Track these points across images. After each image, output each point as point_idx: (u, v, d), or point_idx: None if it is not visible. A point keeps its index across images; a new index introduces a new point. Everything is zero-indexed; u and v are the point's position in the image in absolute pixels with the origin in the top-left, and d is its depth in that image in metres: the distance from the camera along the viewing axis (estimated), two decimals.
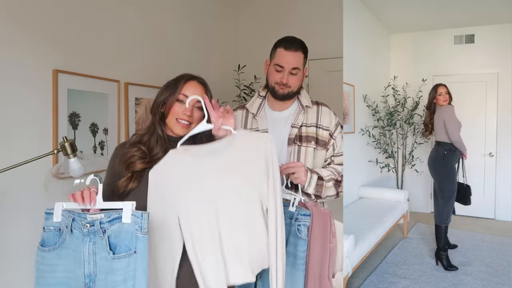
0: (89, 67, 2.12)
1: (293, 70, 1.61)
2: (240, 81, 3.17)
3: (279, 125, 1.68)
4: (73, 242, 1.15)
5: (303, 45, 1.66)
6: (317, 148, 1.66)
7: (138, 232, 1.08)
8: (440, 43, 4.95)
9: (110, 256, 1.10)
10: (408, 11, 4.47)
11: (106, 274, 1.11)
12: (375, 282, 3.20)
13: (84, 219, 1.13)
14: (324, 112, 1.70)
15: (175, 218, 1.21)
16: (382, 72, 5.04)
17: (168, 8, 2.77)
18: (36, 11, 1.85)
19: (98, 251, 1.12)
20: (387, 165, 4.80)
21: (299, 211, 1.49)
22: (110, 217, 1.11)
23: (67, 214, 1.15)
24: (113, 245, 1.11)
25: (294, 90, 1.65)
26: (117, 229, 1.11)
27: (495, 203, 4.81)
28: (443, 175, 3.69)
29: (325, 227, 1.48)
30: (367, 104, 4.47)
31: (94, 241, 1.13)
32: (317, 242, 1.46)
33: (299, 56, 1.62)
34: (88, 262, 1.13)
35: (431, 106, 3.87)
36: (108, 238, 1.11)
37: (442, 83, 3.88)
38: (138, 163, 1.32)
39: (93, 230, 1.12)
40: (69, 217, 1.15)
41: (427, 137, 4.00)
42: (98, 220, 1.12)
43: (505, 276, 3.29)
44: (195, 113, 1.36)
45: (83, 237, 1.13)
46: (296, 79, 1.64)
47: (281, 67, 1.61)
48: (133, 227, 1.09)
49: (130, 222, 1.09)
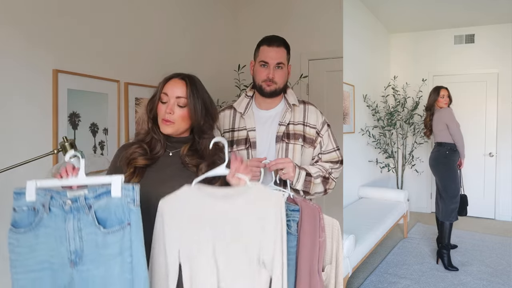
0: (89, 67, 2.12)
1: (278, 65, 1.66)
2: (240, 81, 3.17)
3: (267, 123, 1.71)
4: (52, 220, 1.12)
5: (285, 42, 1.71)
6: (304, 145, 1.69)
7: (131, 205, 1.09)
8: (440, 43, 4.96)
9: (100, 231, 1.09)
10: (408, 11, 4.47)
11: (97, 248, 1.10)
12: (375, 282, 3.20)
13: (64, 196, 1.11)
14: (311, 110, 1.74)
15: (176, 251, 1.20)
16: (382, 72, 5.04)
17: (168, 8, 2.77)
18: (36, 11, 1.85)
19: (83, 227, 1.10)
20: (387, 165, 4.80)
21: (288, 207, 1.51)
22: (97, 191, 1.11)
23: (43, 192, 1.12)
24: (102, 220, 1.10)
25: (280, 86, 1.69)
26: (105, 204, 1.11)
27: (495, 203, 4.81)
28: (446, 175, 3.72)
29: (315, 222, 1.50)
30: (367, 104, 4.47)
31: (79, 218, 1.11)
32: (307, 237, 1.48)
33: (282, 52, 1.67)
34: (74, 238, 1.11)
35: (432, 107, 3.90)
36: (95, 213, 1.10)
37: (444, 86, 3.90)
38: (139, 159, 1.32)
39: (76, 206, 1.11)
40: (45, 195, 1.12)
41: (429, 137, 4.02)
42: (82, 196, 1.11)
43: (505, 276, 3.29)
44: (176, 111, 1.35)
45: (65, 215, 1.11)
46: (281, 74, 1.67)
47: (266, 63, 1.66)
48: (124, 200, 1.10)
49: (120, 196, 1.09)
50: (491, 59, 4.72)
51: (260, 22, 3.53)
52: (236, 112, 1.76)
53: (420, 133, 4.73)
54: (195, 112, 1.35)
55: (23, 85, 1.79)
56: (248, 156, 1.68)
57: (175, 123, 1.35)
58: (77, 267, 1.11)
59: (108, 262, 1.10)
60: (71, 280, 1.12)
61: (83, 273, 1.11)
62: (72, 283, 1.11)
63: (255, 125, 1.71)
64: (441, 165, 3.75)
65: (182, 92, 1.35)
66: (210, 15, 3.27)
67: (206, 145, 1.39)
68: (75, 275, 1.11)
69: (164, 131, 1.36)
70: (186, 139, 1.42)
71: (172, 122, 1.35)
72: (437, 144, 3.81)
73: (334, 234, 1.60)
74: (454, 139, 3.71)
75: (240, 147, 1.70)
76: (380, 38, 5.02)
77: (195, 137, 1.41)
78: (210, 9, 3.28)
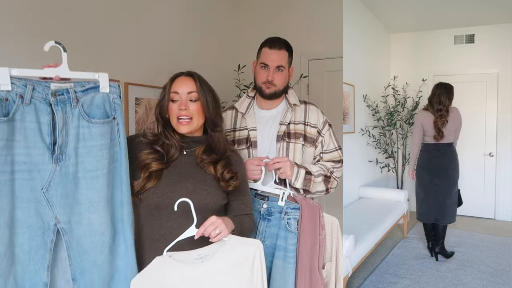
0: (89, 67, 2.11)
1: (278, 68, 1.66)
2: (240, 81, 3.17)
3: (268, 123, 1.72)
4: (32, 113, 1.05)
5: (287, 45, 1.71)
6: (305, 145, 1.70)
7: (117, 100, 1.15)
8: (440, 43, 4.96)
9: (87, 123, 1.10)
10: (408, 11, 4.47)
11: (83, 141, 1.10)
12: (375, 282, 3.20)
13: (47, 87, 1.07)
14: (312, 110, 1.75)
15: None
16: (382, 72, 5.04)
17: (168, 8, 2.77)
18: (36, 11, 1.85)
19: (69, 121, 1.09)
20: (387, 165, 4.80)
21: (289, 205, 1.53)
22: (84, 87, 1.12)
23: (21, 82, 1.04)
24: (88, 113, 1.11)
25: (280, 88, 1.69)
26: (91, 98, 1.12)
27: (495, 203, 4.81)
28: (457, 176, 3.62)
29: (315, 220, 1.51)
30: (367, 104, 4.47)
31: (65, 111, 1.08)
32: (307, 235, 1.50)
33: (283, 54, 1.67)
34: (61, 131, 1.07)
35: (448, 107, 3.55)
36: (82, 107, 1.10)
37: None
38: (154, 164, 1.30)
39: (62, 99, 1.08)
40: (25, 85, 1.04)
41: (438, 139, 3.58)
42: (72, 89, 1.09)
43: (505, 276, 3.29)
44: (190, 106, 1.34)
45: (48, 108, 1.06)
46: (281, 77, 1.67)
47: (266, 65, 1.66)
48: (110, 96, 1.14)
49: (108, 91, 1.14)
50: (491, 59, 4.72)
51: (260, 22, 3.52)
52: (237, 112, 1.77)
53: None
54: (208, 105, 1.35)
55: None
56: (249, 156, 1.69)
57: (193, 118, 1.34)
58: (60, 162, 1.07)
59: (91, 155, 1.10)
60: (51, 179, 1.06)
61: (66, 168, 1.07)
62: (53, 182, 1.06)
63: (256, 124, 1.71)
64: (456, 168, 3.61)
65: (192, 87, 1.34)
66: (210, 15, 3.27)
67: (218, 138, 1.40)
68: (56, 172, 1.06)
69: (181, 131, 1.35)
70: (201, 138, 1.41)
71: (189, 119, 1.33)
72: (446, 145, 3.59)
73: (333, 232, 1.61)
74: (456, 140, 3.65)
75: (241, 147, 1.70)
76: (380, 38, 5.02)
77: (207, 137, 1.41)
78: (211, 9, 3.28)
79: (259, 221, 1.58)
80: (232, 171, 1.38)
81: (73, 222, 1.09)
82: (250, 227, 1.45)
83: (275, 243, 1.54)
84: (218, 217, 1.24)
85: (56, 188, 1.07)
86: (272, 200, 1.56)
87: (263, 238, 1.56)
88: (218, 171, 1.35)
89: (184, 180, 1.32)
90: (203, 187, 1.33)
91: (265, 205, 1.57)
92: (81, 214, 1.10)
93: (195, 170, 1.35)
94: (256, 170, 1.57)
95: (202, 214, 1.30)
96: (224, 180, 1.35)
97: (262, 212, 1.57)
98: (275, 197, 1.55)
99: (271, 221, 1.56)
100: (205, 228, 1.20)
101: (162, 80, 1.45)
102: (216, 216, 1.24)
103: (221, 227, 1.21)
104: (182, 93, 1.33)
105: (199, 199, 1.30)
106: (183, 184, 1.31)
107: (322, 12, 3.36)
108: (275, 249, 1.54)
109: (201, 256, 1.21)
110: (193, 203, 1.26)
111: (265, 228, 1.56)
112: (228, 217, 1.32)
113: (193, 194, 1.29)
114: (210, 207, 1.32)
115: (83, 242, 1.11)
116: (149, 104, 2.49)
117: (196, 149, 1.39)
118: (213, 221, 1.21)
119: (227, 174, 1.36)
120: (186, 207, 1.26)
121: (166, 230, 1.27)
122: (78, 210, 1.10)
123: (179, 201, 1.21)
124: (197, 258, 1.20)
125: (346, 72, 3.35)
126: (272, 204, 1.56)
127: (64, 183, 1.07)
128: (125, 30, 2.37)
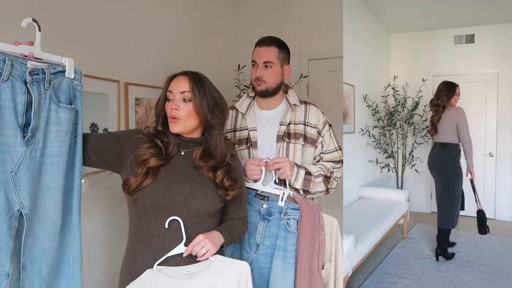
0: (89, 67, 2.11)
1: (266, 64, 1.66)
2: (240, 81, 3.17)
3: (268, 123, 1.73)
4: (9, 91, 0.98)
5: (278, 41, 1.72)
6: (305, 145, 1.70)
7: (79, 87, 1.15)
8: (440, 43, 4.95)
9: (56, 107, 1.08)
10: (408, 11, 4.47)
11: (52, 125, 1.08)
12: (375, 282, 3.20)
13: (24, 65, 1.01)
14: (312, 110, 1.75)
15: None
16: (382, 72, 5.04)
17: (168, 8, 2.77)
18: (35, 11, 1.85)
19: (42, 102, 1.06)
20: (387, 165, 4.80)
21: (288, 205, 1.53)
22: (56, 69, 1.10)
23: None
24: (57, 98, 1.11)
25: (272, 86, 1.69)
26: (59, 82, 1.12)
27: (495, 203, 4.81)
28: (454, 178, 3.55)
29: (314, 220, 1.52)
30: (367, 104, 4.47)
31: (39, 92, 1.05)
32: (306, 235, 1.50)
33: (272, 51, 1.68)
34: (35, 113, 1.03)
35: (445, 104, 3.65)
36: (52, 89, 1.09)
37: (456, 83, 3.73)
38: (152, 160, 1.29)
39: (37, 79, 1.04)
40: (2, 60, 0.97)
41: (433, 136, 3.78)
42: (48, 70, 1.06)
43: (505, 276, 3.29)
44: (182, 106, 1.32)
45: (24, 86, 1.01)
46: (270, 74, 1.67)
47: (255, 62, 1.69)
48: (73, 82, 1.14)
49: (73, 77, 1.13)
50: (491, 59, 4.72)
51: (260, 22, 3.52)
52: (238, 112, 1.77)
53: (420, 133, 4.72)
54: (201, 106, 1.33)
55: None
56: (250, 156, 1.69)
57: (182, 119, 1.32)
58: (30, 145, 1.03)
59: (57, 139, 1.09)
60: (21, 162, 1.02)
61: (36, 152, 1.05)
62: (23, 165, 1.02)
63: (256, 125, 1.72)
64: (448, 168, 3.56)
65: (185, 86, 1.33)
66: (210, 15, 3.27)
67: (216, 141, 1.37)
68: (27, 155, 1.02)
69: (173, 130, 1.34)
70: (198, 140, 1.39)
71: (178, 119, 1.32)
72: (440, 145, 3.62)
73: (333, 232, 1.61)
74: (463, 140, 3.56)
75: (242, 147, 1.71)
76: (380, 38, 5.02)
77: (206, 139, 1.39)
78: (210, 9, 3.28)
79: (258, 221, 1.58)
80: (232, 178, 1.36)
81: (35, 207, 1.06)
82: (242, 231, 1.45)
83: (275, 243, 1.54)
84: (206, 235, 1.26)
85: (25, 172, 1.02)
86: (272, 200, 1.56)
87: (262, 238, 1.56)
88: (218, 177, 1.34)
89: (181, 181, 1.31)
90: (201, 190, 1.31)
91: (265, 205, 1.57)
92: (37, 200, 1.07)
93: (192, 172, 1.34)
94: (256, 170, 1.57)
95: (199, 217, 1.30)
96: (223, 187, 1.34)
97: (262, 212, 1.57)
98: (275, 197, 1.55)
99: (270, 221, 1.56)
100: (192, 247, 1.23)
101: (162, 80, 1.44)
102: (203, 235, 1.25)
103: (208, 246, 1.24)
104: (175, 92, 1.33)
105: (196, 202, 1.29)
106: (179, 186, 1.29)
107: (322, 12, 3.36)
108: (274, 249, 1.55)
109: (190, 272, 1.23)
110: (189, 205, 1.27)
111: (264, 228, 1.57)
112: (218, 230, 1.32)
113: (190, 197, 1.29)
114: (207, 211, 1.31)
115: (35, 229, 1.07)
116: (149, 104, 2.49)
117: (193, 150, 1.37)
118: (200, 240, 1.23)
119: (227, 181, 1.34)
120: (180, 209, 1.27)
121: (161, 231, 1.26)
122: (35, 196, 1.06)
123: (169, 219, 1.23)
124: (185, 274, 1.23)
125: (346, 72, 3.35)
126: (272, 204, 1.56)
127: (31, 167, 1.04)
128: (125, 29, 2.37)
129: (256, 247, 1.57)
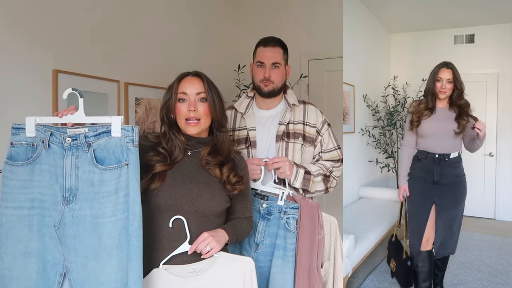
0: (89, 67, 2.12)
1: (274, 65, 1.68)
2: (240, 81, 3.17)
3: (267, 123, 1.73)
4: (50, 157, 1.13)
5: (281, 42, 1.74)
6: (304, 144, 1.70)
7: (130, 145, 1.11)
8: (440, 43, 4.95)
9: (97, 169, 1.10)
10: (408, 11, 4.47)
11: (92, 186, 1.10)
12: (375, 282, 3.20)
13: (64, 133, 1.12)
14: (311, 110, 1.76)
15: None
16: (382, 72, 5.04)
17: (168, 8, 2.77)
18: (36, 11, 1.85)
19: (81, 165, 1.11)
20: (387, 165, 4.80)
21: (288, 205, 1.54)
22: (97, 131, 1.12)
23: (43, 128, 1.14)
24: (100, 159, 1.12)
25: (278, 86, 1.70)
26: (104, 143, 1.12)
27: (495, 203, 4.80)
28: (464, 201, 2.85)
29: (314, 219, 1.52)
30: (367, 104, 4.47)
31: (77, 155, 1.12)
32: (306, 235, 1.51)
33: (278, 51, 1.69)
34: (70, 176, 1.11)
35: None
36: (93, 152, 1.11)
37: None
38: (158, 166, 1.30)
39: (75, 144, 1.12)
40: (45, 131, 1.13)
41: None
42: (83, 134, 1.11)
43: (505, 276, 3.29)
44: (199, 107, 1.33)
45: (64, 152, 1.12)
46: (278, 74, 1.69)
47: (262, 63, 1.68)
48: (123, 140, 1.11)
49: (120, 136, 1.11)
50: (491, 59, 4.72)
51: (260, 22, 3.53)
52: (237, 112, 1.78)
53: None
54: (215, 106, 1.34)
55: (23, 85, 1.80)
56: (249, 155, 1.69)
57: (201, 119, 1.33)
58: (70, 205, 1.11)
59: (101, 200, 1.09)
60: (61, 219, 1.11)
61: (75, 211, 1.10)
62: (63, 222, 1.10)
63: (255, 124, 1.72)
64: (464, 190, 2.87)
65: (201, 87, 1.33)
66: (210, 15, 3.27)
67: (223, 139, 1.40)
68: (66, 214, 1.11)
69: (190, 132, 1.34)
70: (206, 140, 1.40)
71: (197, 120, 1.32)
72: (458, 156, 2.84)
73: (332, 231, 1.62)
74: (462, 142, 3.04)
75: (241, 147, 1.71)
76: (380, 38, 5.02)
77: (213, 139, 1.40)
78: (210, 9, 3.28)
79: (258, 221, 1.58)
80: (238, 175, 1.37)
81: (79, 263, 1.11)
82: (247, 230, 1.46)
83: (274, 242, 1.55)
84: (210, 232, 1.26)
85: (68, 229, 1.11)
86: (271, 200, 1.57)
87: (262, 237, 1.57)
88: (224, 174, 1.34)
89: (188, 182, 1.31)
90: (208, 189, 1.32)
91: (264, 205, 1.57)
92: (86, 258, 1.10)
93: (199, 172, 1.35)
94: (256, 170, 1.57)
95: (205, 217, 1.31)
96: (230, 183, 1.34)
97: (261, 211, 1.57)
98: (275, 197, 1.56)
99: (270, 220, 1.56)
100: (197, 245, 1.23)
101: (162, 80, 1.45)
102: (207, 233, 1.26)
103: (212, 244, 1.25)
104: (190, 93, 1.32)
105: (203, 202, 1.30)
106: (187, 186, 1.30)
107: (322, 12, 3.36)
108: (274, 248, 1.55)
109: (195, 270, 1.24)
110: (196, 205, 1.28)
111: (264, 227, 1.57)
112: (223, 228, 1.32)
113: (198, 197, 1.29)
114: (213, 210, 1.32)
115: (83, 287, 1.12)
116: (149, 104, 2.49)
117: (200, 150, 1.38)
118: (204, 237, 1.24)
119: (233, 177, 1.35)
120: (187, 209, 1.27)
121: (168, 230, 1.27)
122: (83, 254, 1.10)
123: (173, 218, 1.24)
124: (191, 271, 1.24)
125: (346, 72, 3.35)
126: (271, 204, 1.57)
127: (73, 225, 1.11)
128: (125, 30, 2.38)
129: (256, 246, 1.58)
